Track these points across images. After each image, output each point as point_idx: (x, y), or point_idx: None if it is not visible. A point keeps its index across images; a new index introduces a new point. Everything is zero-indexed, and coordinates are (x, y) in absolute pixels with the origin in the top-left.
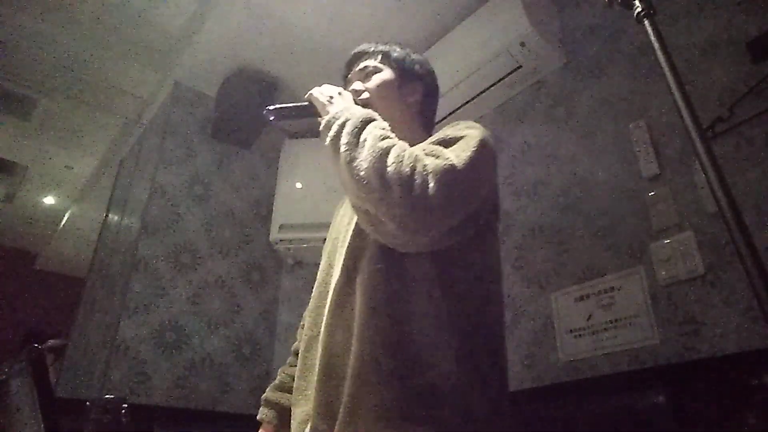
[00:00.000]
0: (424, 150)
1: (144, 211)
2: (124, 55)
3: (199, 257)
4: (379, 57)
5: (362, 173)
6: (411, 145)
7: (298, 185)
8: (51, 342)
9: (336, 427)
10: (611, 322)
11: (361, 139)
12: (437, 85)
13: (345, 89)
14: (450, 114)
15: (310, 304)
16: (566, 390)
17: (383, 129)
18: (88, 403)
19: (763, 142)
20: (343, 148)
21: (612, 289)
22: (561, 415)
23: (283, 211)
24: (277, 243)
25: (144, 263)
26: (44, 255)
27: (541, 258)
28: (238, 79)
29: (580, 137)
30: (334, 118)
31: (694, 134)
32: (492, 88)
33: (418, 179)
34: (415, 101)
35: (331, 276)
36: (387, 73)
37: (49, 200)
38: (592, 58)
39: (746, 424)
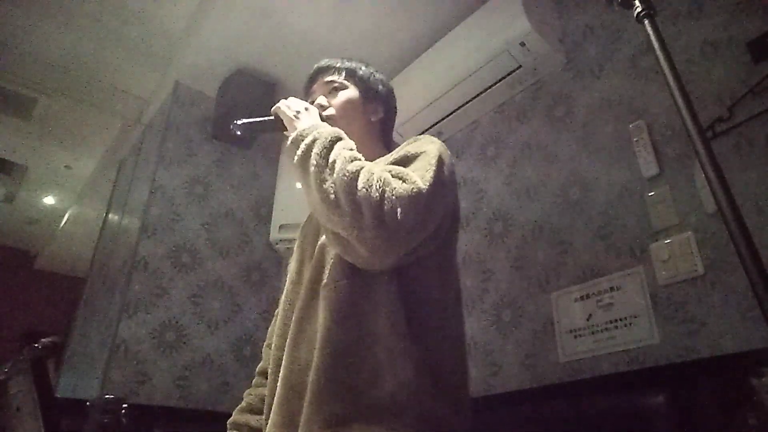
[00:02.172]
0: (390, 172)
1: (144, 211)
2: (124, 55)
3: (199, 257)
4: (344, 74)
5: (332, 197)
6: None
7: (298, 185)
8: (43, 340)
9: None
10: (611, 322)
11: (330, 160)
12: (396, 105)
13: (307, 101)
14: (450, 114)
15: (276, 323)
16: (566, 390)
17: (351, 149)
18: (88, 403)
19: (763, 142)
20: (312, 169)
21: (612, 289)
22: (561, 415)
23: (283, 211)
24: (277, 243)
25: (144, 263)
26: (44, 255)
27: (541, 258)
28: (238, 79)
29: (580, 137)
30: (301, 135)
31: (694, 134)
32: (492, 88)
33: (387, 204)
34: (377, 120)
35: (298, 295)
36: (352, 91)
37: (49, 200)
38: (592, 58)
39: (746, 424)
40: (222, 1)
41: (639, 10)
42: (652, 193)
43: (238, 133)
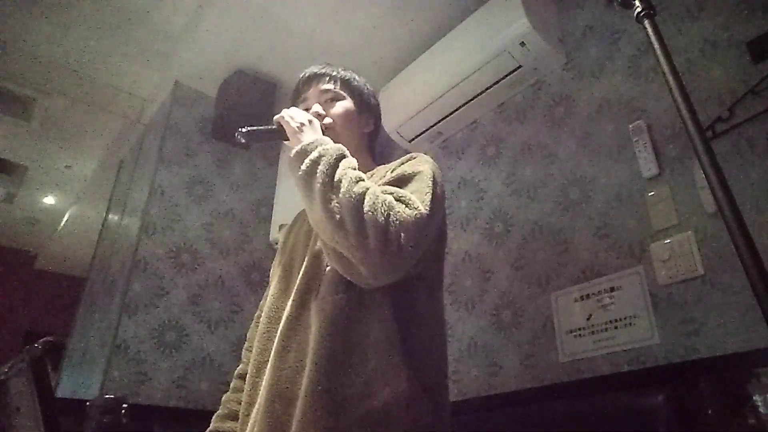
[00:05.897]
0: (393, 194)
1: (144, 211)
2: (124, 55)
3: (199, 257)
4: (339, 83)
5: (337, 217)
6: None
7: None
8: (43, 340)
9: None
10: (611, 322)
11: (336, 179)
12: (381, 117)
13: (298, 105)
14: (449, 114)
15: (259, 328)
16: (566, 390)
17: (355, 168)
18: (88, 403)
19: (763, 142)
20: (317, 187)
21: (612, 289)
22: (561, 415)
23: (283, 211)
24: (277, 243)
25: (144, 263)
26: (44, 255)
27: (541, 258)
28: (238, 79)
29: (580, 137)
30: (305, 150)
31: (694, 134)
32: (492, 88)
33: (392, 228)
34: (369, 132)
35: (285, 302)
36: (349, 102)
37: (49, 200)
38: (592, 58)
39: (746, 424)
40: (222, 1)
41: (639, 10)
42: (652, 193)
43: (243, 140)
